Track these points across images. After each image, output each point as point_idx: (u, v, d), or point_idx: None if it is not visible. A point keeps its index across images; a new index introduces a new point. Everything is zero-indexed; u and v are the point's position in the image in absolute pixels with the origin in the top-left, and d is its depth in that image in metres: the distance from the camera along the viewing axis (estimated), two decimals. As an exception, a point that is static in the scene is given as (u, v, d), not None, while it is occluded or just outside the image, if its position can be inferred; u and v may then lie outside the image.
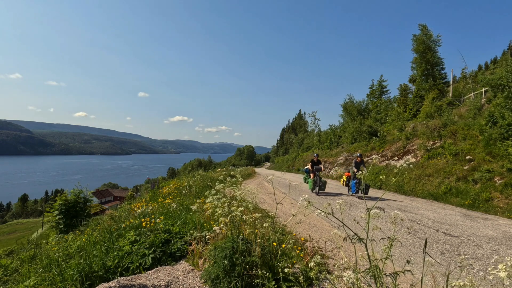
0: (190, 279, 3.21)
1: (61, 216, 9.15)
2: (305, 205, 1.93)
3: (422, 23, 23.66)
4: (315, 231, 5.65)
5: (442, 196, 10.22)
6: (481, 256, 4.26)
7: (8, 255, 10.49)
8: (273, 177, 3.11)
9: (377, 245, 3.85)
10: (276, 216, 4.81)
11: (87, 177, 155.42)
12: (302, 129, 69.48)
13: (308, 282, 2.96)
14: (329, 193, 11.85)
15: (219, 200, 4.12)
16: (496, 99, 12.28)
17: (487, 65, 46.27)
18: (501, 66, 16.58)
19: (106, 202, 54.16)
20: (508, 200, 8.30)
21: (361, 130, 24.46)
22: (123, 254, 3.66)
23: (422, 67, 23.63)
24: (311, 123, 57.59)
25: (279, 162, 58.52)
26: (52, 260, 3.78)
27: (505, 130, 10.05)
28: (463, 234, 5.51)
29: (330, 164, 25.54)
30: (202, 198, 6.27)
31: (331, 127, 36.38)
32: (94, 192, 49.43)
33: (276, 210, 3.65)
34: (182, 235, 4.24)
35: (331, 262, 3.86)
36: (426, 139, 15.14)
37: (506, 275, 1.21)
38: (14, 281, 3.95)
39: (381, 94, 34.57)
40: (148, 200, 9.54)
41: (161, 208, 6.43)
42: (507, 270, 1.22)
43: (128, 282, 3.00)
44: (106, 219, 7.26)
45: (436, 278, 2.67)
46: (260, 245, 3.04)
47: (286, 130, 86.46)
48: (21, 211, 69.96)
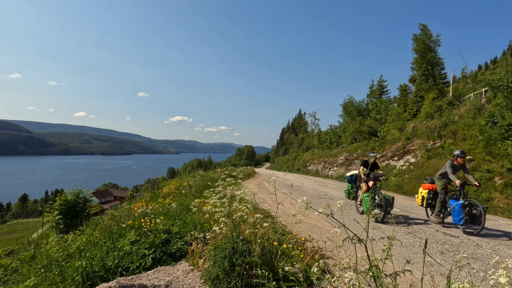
0: (190, 279, 3.21)
1: (61, 216, 9.15)
2: (305, 205, 1.94)
3: (422, 23, 23.68)
4: (315, 231, 5.65)
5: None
6: (481, 256, 4.26)
7: (8, 255, 10.50)
8: (274, 177, 3.11)
9: (377, 245, 3.85)
10: (277, 216, 4.82)
11: (87, 177, 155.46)
12: (302, 129, 69.48)
13: (308, 282, 2.96)
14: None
15: (219, 199, 4.12)
16: (496, 99, 12.28)
17: (487, 65, 46.26)
18: (501, 66, 16.57)
19: (106, 202, 54.16)
20: (508, 200, 8.31)
21: (361, 130, 24.47)
22: (123, 254, 3.67)
23: (422, 67, 23.64)
24: (311, 123, 57.70)
25: (279, 162, 58.52)
26: (52, 260, 3.78)
27: (505, 130, 10.06)
28: (463, 234, 5.51)
29: (330, 164, 25.55)
30: (202, 198, 6.28)
31: (331, 127, 36.39)
32: (94, 192, 49.43)
33: (277, 210, 3.66)
34: (182, 235, 4.24)
35: (331, 262, 3.87)
36: (426, 139, 15.14)
37: (507, 282, 1.19)
38: (14, 281, 3.95)
39: (381, 94, 34.58)
40: (148, 200, 9.55)
41: (161, 208, 6.44)
42: (508, 276, 1.20)
43: (128, 282, 3.00)
44: (106, 219, 7.26)
45: (435, 278, 2.68)
46: (260, 245, 3.04)
47: (286, 130, 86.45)
48: (21, 211, 69.95)
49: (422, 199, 6.60)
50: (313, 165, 30.08)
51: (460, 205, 5.48)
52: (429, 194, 6.52)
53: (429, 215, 6.74)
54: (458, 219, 5.47)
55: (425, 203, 6.55)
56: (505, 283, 1.19)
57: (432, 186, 6.53)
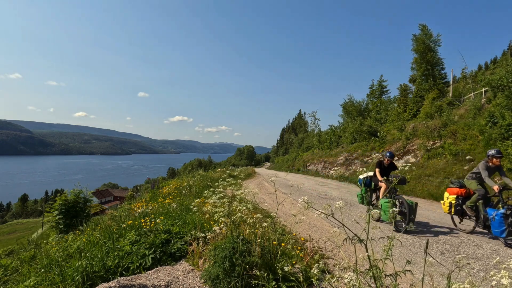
0: (190, 279, 3.21)
1: (61, 216, 9.14)
2: (305, 205, 1.94)
3: (422, 23, 23.71)
4: (315, 231, 5.65)
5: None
6: (481, 256, 4.27)
7: (8, 255, 10.49)
8: (274, 178, 3.11)
9: (377, 245, 3.85)
10: (277, 216, 4.82)
11: (87, 177, 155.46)
12: (302, 129, 69.49)
13: (308, 282, 2.96)
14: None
15: (219, 199, 4.12)
16: (496, 99, 12.29)
17: (487, 65, 46.28)
18: (501, 66, 16.59)
19: (106, 202, 54.17)
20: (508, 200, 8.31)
21: (361, 130, 24.48)
22: (123, 254, 3.67)
23: (422, 67, 23.67)
24: (311, 123, 57.74)
25: (279, 162, 58.53)
26: (52, 260, 3.78)
27: (505, 130, 10.06)
28: (463, 234, 5.52)
29: (330, 164, 25.56)
30: (202, 198, 6.28)
31: (331, 127, 36.40)
32: (94, 192, 49.44)
33: (277, 210, 3.66)
34: (182, 235, 4.25)
35: (331, 262, 3.87)
36: (426, 139, 15.14)
37: (510, 283, 1.16)
38: (14, 281, 3.95)
39: (381, 94, 34.60)
40: (148, 200, 9.54)
41: (161, 208, 6.44)
42: (510, 277, 1.18)
43: (128, 282, 3.00)
44: (106, 219, 7.26)
45: (434, 278, 2.68)
46: (260, 245, 3.04)
47: (286, 130, 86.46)
48: (21, 211, 69.95)
49: (450, 205, 5.78)
50: (313, 165, 30.09)
51: (501, 215, 4.66)
52: (457, 200, 5.70)
53: (457, 223, 6.00)
54: (500, 231, 4.66)
55: (453, 210, 5.71)
56: (508, 284, 1.17)
57: (461, 191, 5.72)
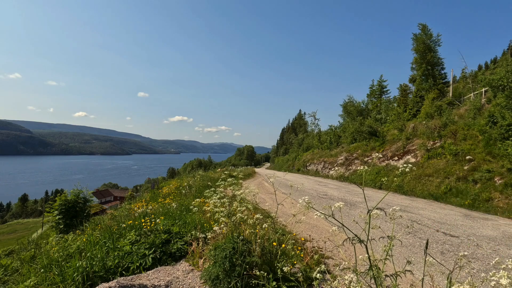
0: (190, 279, 3.21)
1: (61, 216, 9.14)
2: (305, 205, 1.94)
3: (422, 23, 23.70)
4: (315, 231, 5.65)
5: (442, 196, 10.22)
6: (481, 256, 4.26)
7: (8, 255, 10.48)
8: (273, 179, 3.11)
9: (377, 245, 3.85)
10: (277, 216, 4.81)
11: (87, 177, 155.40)
12: (302, 129, 69.44)
13: (308, 282, 2.96)
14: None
15: (219, 199, 4.12)
16: (496, 99, 12.28)
17: (487, 65, 46.27)
18: (501, 66, 16.58)
19: (106, 202, 54.14)
20: (508, 200, 8.31)
21: (361, 130, 24.47)
22: (123, 254, 3.67)
23: (422, 67, 23.66)
24: (311, 123, 57.65)
25: (279, 162, 58.49)
26: (52, 260, 3.78)
27: (505, 130, 10.06)
28: (463, 234, 5.51)
29: (330, 164, 25.55)
30: (202, 198, 6.28)
31: (331, 127, 36.37)
32: (94, 192, 49.40)
33: (277, 210, 3.65)
34: (182, 235, 4.24)
35: (331, 262, 3.86)
36: (426, 139, 15.14)
37: (509, 283, 1.16)
38: (14, 281, 3.95)
39: (381, 94, 34.57)
40: (148, 200, 9.54)
41: (161, 208, 6.43)
42: (509, 277, 1.18)
43: (128, 282, 3.00)
44: (106, 219, 7.26)
45: (435, 278, 2.67)
46: (260, 245, 3.04)
47: (286, 130, 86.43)
48: (21, 211, 69.95)
49: None
50: (313, 165, 30.08)
51: None
52: None
53: None
54: None
55: None
56: (507, 284, 1.17)
57: None
